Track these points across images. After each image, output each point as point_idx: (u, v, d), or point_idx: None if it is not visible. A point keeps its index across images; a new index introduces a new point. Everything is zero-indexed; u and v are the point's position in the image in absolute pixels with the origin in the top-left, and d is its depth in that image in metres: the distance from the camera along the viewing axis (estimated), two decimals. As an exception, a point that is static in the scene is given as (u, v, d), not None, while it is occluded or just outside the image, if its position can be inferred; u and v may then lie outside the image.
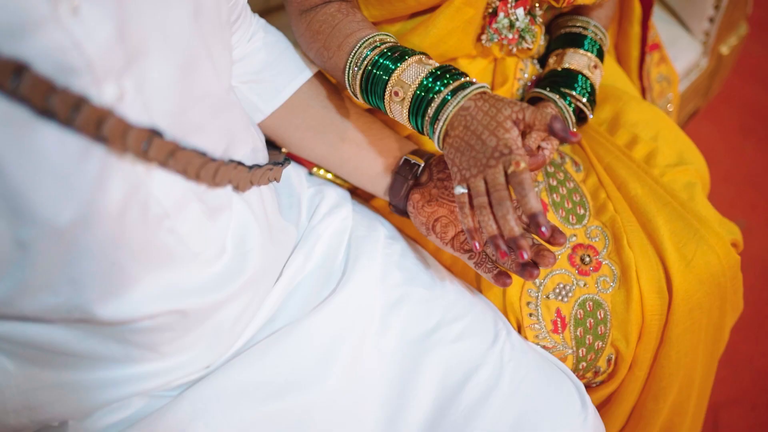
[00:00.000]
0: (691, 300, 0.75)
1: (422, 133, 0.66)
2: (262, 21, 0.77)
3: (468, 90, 0.60)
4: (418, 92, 0.63)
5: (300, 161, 0.83)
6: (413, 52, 0.66)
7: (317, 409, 0.62)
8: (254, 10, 1.05)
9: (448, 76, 0.63)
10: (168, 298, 0.52)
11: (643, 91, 1.07)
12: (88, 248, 0.44)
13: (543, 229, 0.53)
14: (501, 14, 0.77)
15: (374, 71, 0.65)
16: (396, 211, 0.75)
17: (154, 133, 0.46)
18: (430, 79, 0.63)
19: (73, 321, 0.47)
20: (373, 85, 0.66)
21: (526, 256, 0.53)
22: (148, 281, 0.50)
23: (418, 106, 0.63)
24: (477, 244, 0.59)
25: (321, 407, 0.62)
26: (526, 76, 0.86)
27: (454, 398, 0.66)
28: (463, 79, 0.62)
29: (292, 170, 0.79)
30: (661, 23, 1.26)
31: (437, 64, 0.65)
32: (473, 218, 0.59)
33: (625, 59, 1.04)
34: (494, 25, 0.77)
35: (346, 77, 0.68)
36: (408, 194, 0.72)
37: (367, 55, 0.66)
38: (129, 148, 0.44)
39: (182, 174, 0.50)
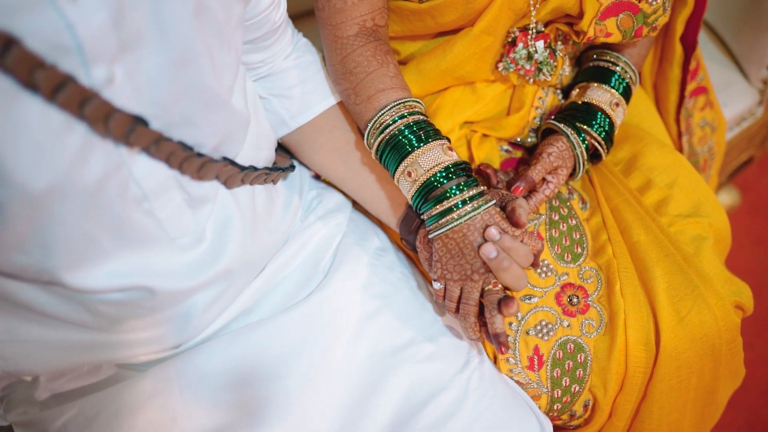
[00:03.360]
0: (680, 357, 0.72)
1: (417, 212, 0.68)
2: (304, 40, 0.79)
3: (480, 209, 0.64)
4: (430, 180, 0.65)
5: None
6: (436, 135, 0.67)
7: (274, 405, 0.64)
8: (301, 9, 1.09)
9: (463, 183, 0.64)
10: (138, 275, 0.54)
11: (680, 135, 1.03)
12: (61, 216, 0.47)
13: (501, 348, 0.62)
14: (520, 45, 0.76)
15: (397, 139, 0.67)
16: (409, 245, 0.76)
17: (138, 121, 0.48)
18: (444, 174, 0.65)
19: (43, 283, 0.51)
20: (392, 151, 0.67)
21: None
22: (119, 257, 0.53)
23: (426, 196, 0.65)
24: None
25: (278, 403, 0.64)
26: (545, 105, 0.85)
27: (413, 417, 0.66)
28: (475, 190, 0.65)
29: (296, 171, 0.81)
30: (715, 65, 1.21)
31: (455, 158, 0.66)
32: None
33: (663, 101, 1.00)
34: (512, 55, 0.77)
35: (367, 132, 0.70)
36: (417, 229, 0.73)
37: (395, 120, 0.67)
38: (111, 131, 0.46)
39: (165, 162, 0.53)
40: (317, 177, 0.86)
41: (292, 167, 0.78)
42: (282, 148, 0.82)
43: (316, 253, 0.75)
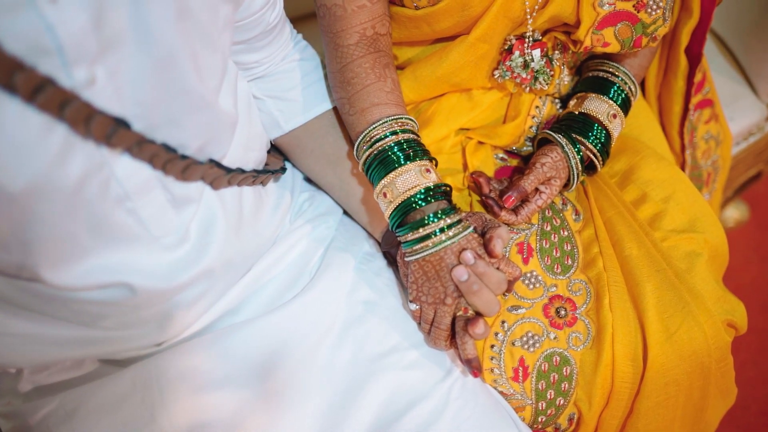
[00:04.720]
0: (668, 374, 0.71)
1: (395, 234, 0.68)
2: (303, 43, 0.79)
3: (456, 239, 0.64)
4: (408, 201, 0.65)
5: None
6: (424, 156, 0.67)
7: (254, 407, 0.64)
8: (303, 11, 1.09)
9: (441, 211, 0.64)
10: (118, 273, 0.54)
11: (683, 149, 1.01)
12: (41, 215, 0.47)
13: (475, 373, 0.65)
14: (516, 53, 0.76)
15: (386, 154, 0.67)
16: (392, 257, 0.76)
17: (120, 123, 0.48)
18: (422, 196, 0.65)
19: (24, 279, 0.51)
20: (379, 166, 0.67)
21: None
22: (100, 254, 0.53)
23: (403, 217, 0.65)
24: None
25: (258, 405, 0.64)
26: (542, 114, 0.85)
27: (393, 424, 0.66)
28: (453, 218, 0.64)
29: (288, 173, 0.81)
30: (724, 78, 1.19)
31: (434, 180, 0.66)
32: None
33: (667, 113, 0.99)
34: (507, 63, 0.77)
35: (357, 144, 0.70)
36: (399, 244, 0.72)
37: (386, 136, 0.67)
38: (92, 133, 0.46)
39: (149, 163, 0.53)
40: (309, 179, 0.86)
41: (283, 169, 0.78)
42: (275, 149, 0.82)
43: (304, 256, 0.75)
